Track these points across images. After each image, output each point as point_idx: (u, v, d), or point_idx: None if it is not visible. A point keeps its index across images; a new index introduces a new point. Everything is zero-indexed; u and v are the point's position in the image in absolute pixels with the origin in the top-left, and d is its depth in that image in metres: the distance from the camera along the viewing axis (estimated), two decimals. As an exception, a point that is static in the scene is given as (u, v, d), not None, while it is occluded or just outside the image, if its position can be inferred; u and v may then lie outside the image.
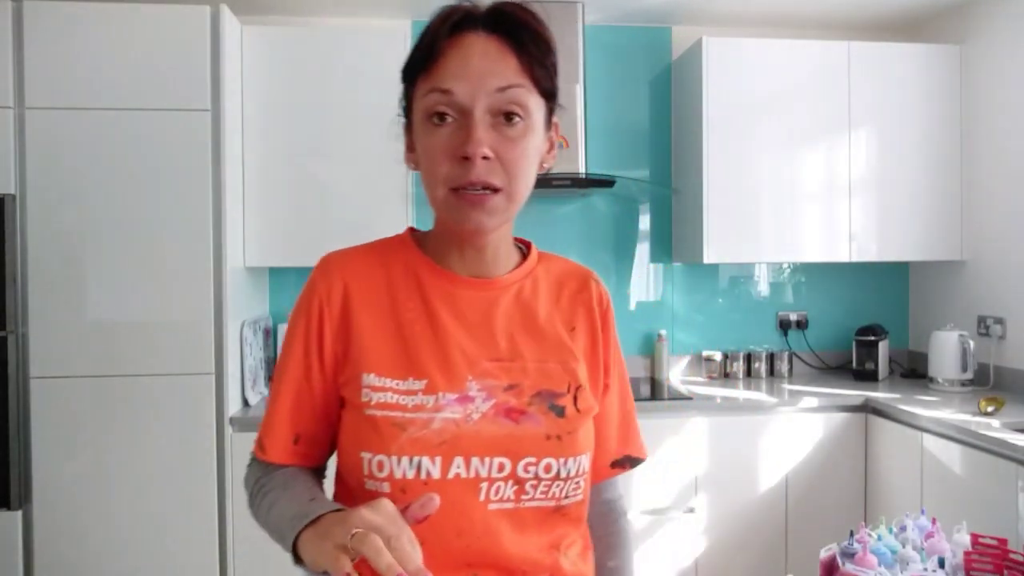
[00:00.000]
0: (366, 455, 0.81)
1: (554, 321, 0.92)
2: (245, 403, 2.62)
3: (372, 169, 2.67)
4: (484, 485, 0.81)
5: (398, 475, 0.80)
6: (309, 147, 2.69)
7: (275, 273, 3.08)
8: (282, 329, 2.86)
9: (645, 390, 2.95)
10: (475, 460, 0.81)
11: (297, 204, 2.68)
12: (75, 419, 2.35)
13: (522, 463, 0.82)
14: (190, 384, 2.40)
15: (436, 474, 0.80)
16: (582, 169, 2.92)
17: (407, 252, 0.92)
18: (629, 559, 1.05)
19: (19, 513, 2.32)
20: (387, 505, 0.69)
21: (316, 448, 0.92)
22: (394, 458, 0.80)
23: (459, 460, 0.81)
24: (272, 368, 2.92)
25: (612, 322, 0.98)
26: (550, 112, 0.88)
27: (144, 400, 2.37)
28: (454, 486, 0.80)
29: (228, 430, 2.42)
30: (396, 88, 0.90)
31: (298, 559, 0.74)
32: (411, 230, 0.97)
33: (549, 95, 0.87)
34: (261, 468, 0.92)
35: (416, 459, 0.80)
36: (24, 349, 2.33)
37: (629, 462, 1.01)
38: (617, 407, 0.99)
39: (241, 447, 2.43)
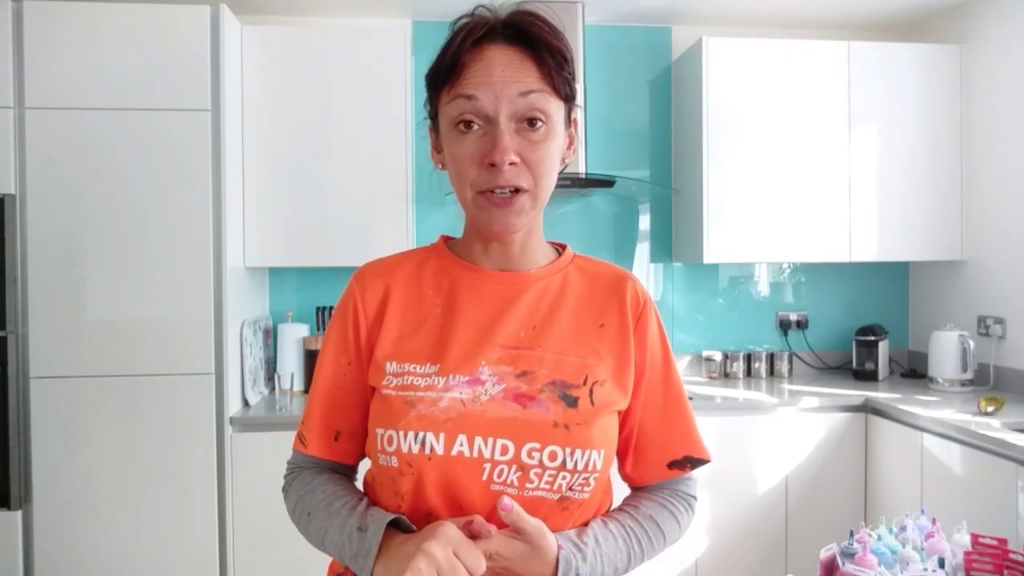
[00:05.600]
0: (380, 430, 0.87)
1: (581, 317, 0.93)
2: (245, 403, 2.62)
3: (372, 169, 2.67)
4: (487, 466, 0.83)
5: (404, 449, 0.84)
6: (309, 147, 2.69)
7: (275, 273, 3.09)
8: (281, 329, 2.87)
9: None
10: (478, 440, 0.83)
11: (297, 204, 2.68)
12: (75, 419, 2.35)
13: (526, 448, 0.83)
14: (190, 384, 2.40)
15: (440, 450, 0.83)
16: (582, 169, 2.92)
17: (439, 255, 0.98)
18: (658, 523, 0.94)
19: (19, 513, 2.32)
20: (449, 530, 0.78)
21: (355, 444, 0.97)
22: (401, 432, 0.84)
23: (462, 438, 0.83)
24: (271, 368, 2.93)
25: (651, 322, 0.96)
26: (569, 111, 0.92)
27: (144, 400, 2.37)
28: (457, 463, 0.83)
29: (228, 430, 2.43)
30: (396, 87, 0.93)
31: None
32: (444, 237, 1.02)
33: (568, 98, 0.91)
34: (300, 479, 0.96)
35: (421, 434, 0.83)
36: (24, 349, 2.33)
37: (690, 463, 0.97)
38: (663, 405, 0.96)
39: (241, 447, 2.43)
